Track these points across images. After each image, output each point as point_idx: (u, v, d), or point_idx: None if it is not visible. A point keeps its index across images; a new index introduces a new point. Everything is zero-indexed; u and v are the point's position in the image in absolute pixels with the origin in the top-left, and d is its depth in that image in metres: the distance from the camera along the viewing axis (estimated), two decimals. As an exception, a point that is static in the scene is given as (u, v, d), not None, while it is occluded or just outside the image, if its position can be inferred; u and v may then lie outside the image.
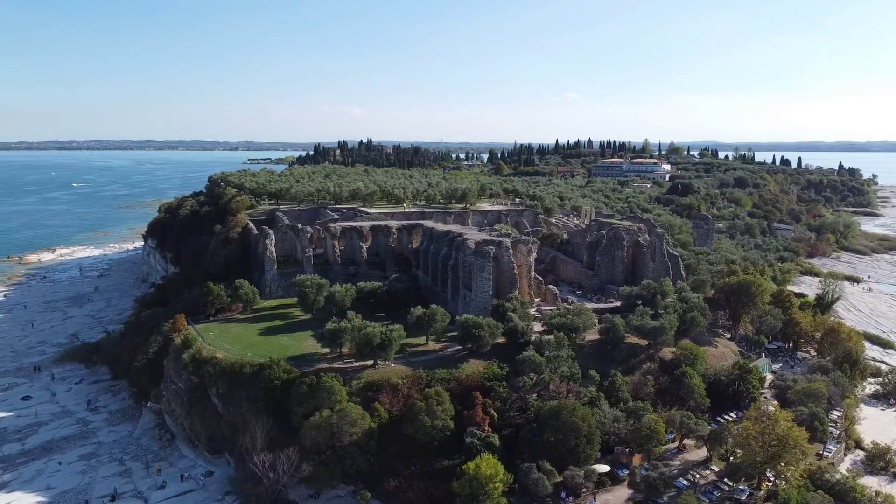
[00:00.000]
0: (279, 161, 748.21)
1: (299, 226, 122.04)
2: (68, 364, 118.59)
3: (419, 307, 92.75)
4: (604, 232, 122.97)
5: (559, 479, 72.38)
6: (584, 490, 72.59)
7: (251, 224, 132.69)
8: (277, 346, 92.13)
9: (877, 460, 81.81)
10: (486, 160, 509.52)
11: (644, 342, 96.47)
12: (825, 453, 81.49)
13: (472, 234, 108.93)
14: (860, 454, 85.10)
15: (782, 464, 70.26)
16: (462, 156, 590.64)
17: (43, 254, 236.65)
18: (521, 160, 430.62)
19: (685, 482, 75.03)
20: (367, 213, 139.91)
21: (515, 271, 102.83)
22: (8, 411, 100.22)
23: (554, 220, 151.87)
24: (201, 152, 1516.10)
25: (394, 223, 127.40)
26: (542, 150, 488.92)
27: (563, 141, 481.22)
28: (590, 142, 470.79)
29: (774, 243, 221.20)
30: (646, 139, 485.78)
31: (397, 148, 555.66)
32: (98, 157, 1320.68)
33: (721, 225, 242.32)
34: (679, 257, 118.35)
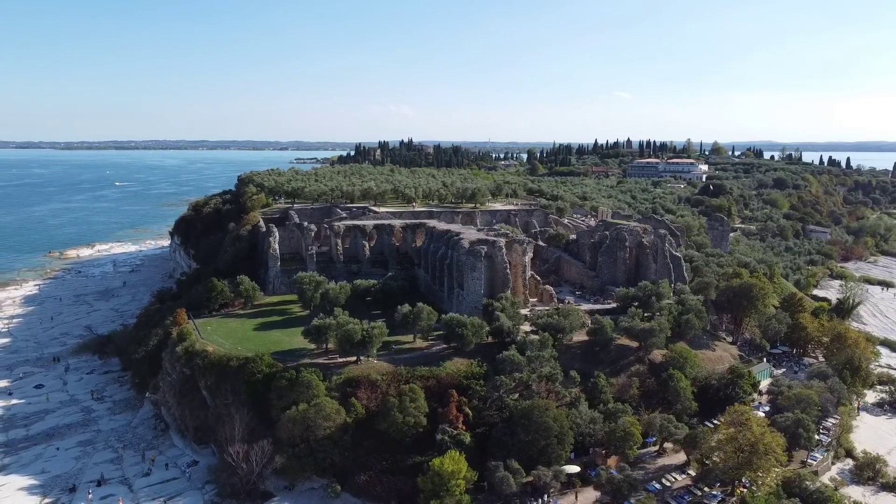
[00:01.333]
0: (325, 160, 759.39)
1: (305, 224, 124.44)
2: (84, 355, 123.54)
3: (406, 305, 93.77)
4: (607, 232, 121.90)
5: (528, 478, 72.63)
6: (553, 490, 72.58)
7: (262, 222, 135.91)
8: (269, 340, 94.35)
9: (865, 470, 79.21)
10: (525, 160, 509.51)
11: (635, 344, 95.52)
12: (810, 461, 79.47)
13: (469, 234, 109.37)
14: (850, 463, 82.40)
15: (751, 470, 68.96)
16: (501, 155, 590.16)
17: (82, 249, 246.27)
18: (557, 160, 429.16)
19: (657, 486, 74.30)
20: (375, 211, 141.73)
21: (508, 271, 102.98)
22: (20, 398, 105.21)
23: (566, 221, 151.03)
24: (252, 152, 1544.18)
25: (398, 222, 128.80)
26: (582, 150, 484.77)
27: (614, 140, 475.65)
28: (629, 142, 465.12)
29: (807, 246, 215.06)
30: (688, 139, 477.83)
31: (438, 148, 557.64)
32: (153, 156, 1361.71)
33: (753, 227, 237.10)
34: (682, 259, 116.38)
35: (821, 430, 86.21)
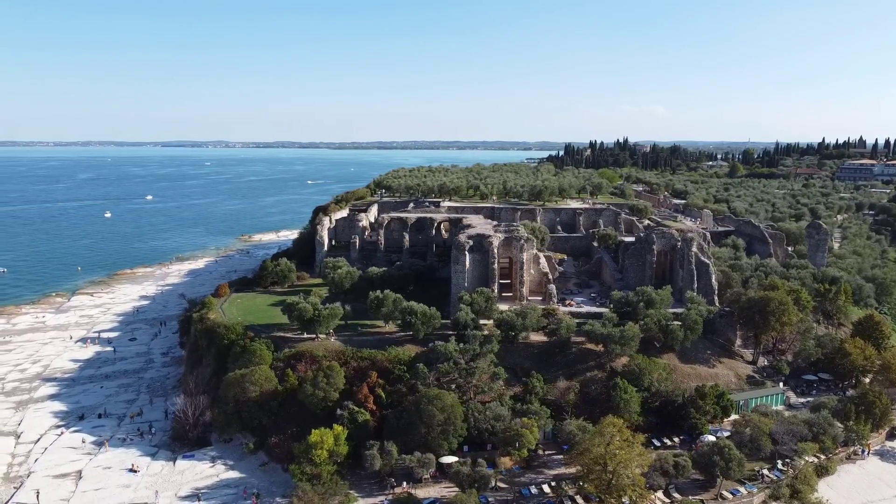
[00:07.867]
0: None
1: (357, 214, 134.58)
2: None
3: (377, 292, 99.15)
4: (641, 235, 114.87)
5: (403, 463, 74.79)
6: (425, 476, 74.27)
7: (348, 211, 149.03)
8: (267, 314, 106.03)
9: (794, 515, 68.18)
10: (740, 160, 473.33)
11: (600, 349, 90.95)
12: (727, 493, 70.52)
13: (475, 229, 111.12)
14: (789, 505, 71.08)
15: (596, 485, 64.36)
16: (719, 156, 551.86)
17: (267, 234, 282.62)
18: (764, 161, 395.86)
19: (534, 490, 72.03)
20: (437, 206, 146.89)
21: (495, 266, 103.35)
22: (114, 346, 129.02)
23: (645, 223, 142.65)
24: (497, 151, 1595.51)
25: (440, 216, 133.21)
26: (807, 151, 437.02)
27: (844, 139, 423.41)
28: (861, 140, 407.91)
29: None
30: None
31: (654, 147, 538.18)
32: (403, 155, 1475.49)
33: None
34: (710, 266, 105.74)
35: (779, 466, 75.49)
